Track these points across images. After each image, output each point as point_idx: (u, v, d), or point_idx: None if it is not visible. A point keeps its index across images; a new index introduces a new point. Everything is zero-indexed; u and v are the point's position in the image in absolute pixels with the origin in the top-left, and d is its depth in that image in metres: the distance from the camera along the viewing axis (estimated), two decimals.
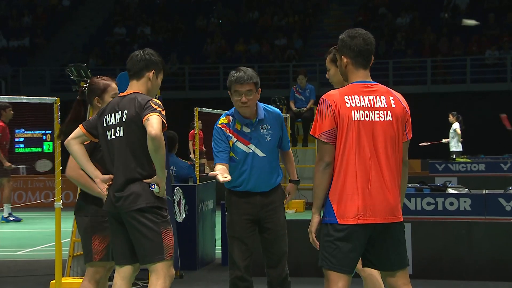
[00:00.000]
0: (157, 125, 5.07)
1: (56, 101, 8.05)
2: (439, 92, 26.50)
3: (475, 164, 18.73)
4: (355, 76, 4.73)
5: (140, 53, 5.43)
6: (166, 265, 5.22)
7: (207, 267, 9.66)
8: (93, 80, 6.09)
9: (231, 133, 5.93)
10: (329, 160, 4.60)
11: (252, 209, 5.96)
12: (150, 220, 5.17)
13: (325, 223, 4.62)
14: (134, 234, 5.20)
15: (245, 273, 5.94)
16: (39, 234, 13.67)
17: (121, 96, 5.41)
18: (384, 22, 29.79)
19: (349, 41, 4.72)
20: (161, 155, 5.10)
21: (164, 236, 5.19)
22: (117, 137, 5.26)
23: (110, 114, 5.33)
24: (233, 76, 5.91)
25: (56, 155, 7.97)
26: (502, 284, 8.27)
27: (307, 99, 16.61)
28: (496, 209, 9.23)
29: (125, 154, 5.22)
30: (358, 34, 4.74)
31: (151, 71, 5.40)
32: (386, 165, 4.62)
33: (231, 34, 30.65)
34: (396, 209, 4.64)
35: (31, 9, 33.30)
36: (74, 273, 8.23)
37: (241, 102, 5.87)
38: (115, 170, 5.27)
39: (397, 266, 4.68)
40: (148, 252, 5.17)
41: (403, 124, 4.72)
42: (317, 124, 4.64)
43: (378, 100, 4.66)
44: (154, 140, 5.04)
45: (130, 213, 5.18)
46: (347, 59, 4.74)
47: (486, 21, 28.78)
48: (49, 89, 28.15)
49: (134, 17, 32.70)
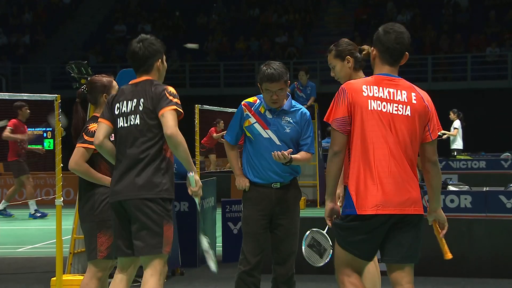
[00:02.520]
0: (172, 122, 5.02)
1: (57, 98, 8.03)
2: (440, 90, 26.48)
3: (476, 162, 18.76)
4: (379, 69, 4.71)
5: (140, 46, 5.25)
6: (162, 260, 5.16)
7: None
8: (95, 79, 6.07)
9: (252, 113, 5.98)
10: (338, 149, 4.59)
11: (266, 205, 5.96)
12: (154, 211, 5.09)
13: (345, 214, 4.60)
14: (135, 223, 5.12)
15: (254, 269, 5.94)
16: (39, 231, 13.67)
17: (133, 83, 5.30)
18: (384, 19, 29.78)
19: (382, 35, 4.68)
20: (182, 150, 5.05)
21: (166, 230, 5.13)
22: (131, 125, 5.17)
23: (123, 102, 5.24)
24: (264, 73, 5.91)
25: (57, 152, 7.96)
26: (503, 281, 8.27)
27: (307, 97, 16.59)
28: (497, 206, 9.24)
29: (139, 146, 5.13)
30: (393, 30, 4.68)
31: (158, 60, 5.31)
32: (405, 158, 4.58)
33: (231, 32, 30.64)
34: (415, 201, 4.60)
35: (31, 6, 33.31)
36: (75, 270, 8.23)
37: (272, 98, 5.91)
38: (123, 157, 5.18)
39: (408, 259, 4.63)
40: (147, 243, 5.09)
41: (424, 122, 4.66)
42: (332, 110, 4.64)
43: (399, 94, 4.62)
44: (170, 139, 5.01)
45: (134, 201, 5.10)
46: (376, 51, 4.72)
47: (487, 19, 28.77)
48: (50, 86, 28.17)
49: (134, 15, 32.69)
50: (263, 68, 5.96)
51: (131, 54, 5.30)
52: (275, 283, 6.09)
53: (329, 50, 5.84)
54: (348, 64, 5.75)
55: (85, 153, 5.71)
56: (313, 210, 15.92)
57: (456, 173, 16.38)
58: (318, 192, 16.41)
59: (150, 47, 5.26)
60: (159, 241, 5.10)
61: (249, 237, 5.98)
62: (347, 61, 5.75)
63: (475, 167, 18.46)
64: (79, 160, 5.71)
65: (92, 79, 6.09)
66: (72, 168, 5.73)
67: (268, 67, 5.93)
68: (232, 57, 29.48)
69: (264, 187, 5.98)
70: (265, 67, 5.94)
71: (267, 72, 5.90)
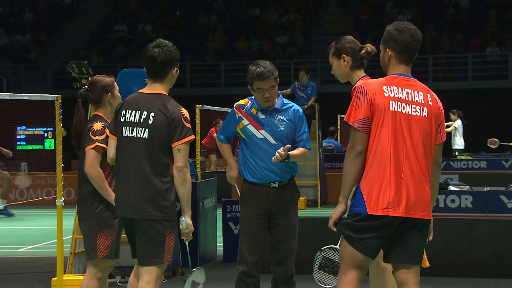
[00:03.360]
0: (185, 158, 5.07)
1: (58, 98, 8.04)
2: (440, 89, 26.35)
3: (477, 162, 18.73)
4: (396, 69, 4.68)
5: (159, 52, 5.17)
6: (161, 269, 5.20)
7: (208, 264, 9.66)
8: (98, 78, 6.07)
9: (244, 115, 5.99)
10: (361, 149, 4.54)
11: (264, 204, 5.96)
12: (158, 229, 5.12)
13: (354, 213, 4.56)
14: (141, 237, 5.15)
15: (253, 269, 5.94)
16: (40, 231, 13.67)
17: (145, 93, 5.24)
18: (385, 19, 29.77)
19: (396, 35, 4.65)
20: (187, 188, 5.10)
21: (168, 241, 5.15)
22: (138, 137, 5.13)
23: (131, 111, 5.18)
24: (254, 73, 5.90)
25: (58, 153, 7.96)
26: (503, 281, 8.27)
27: (308, 97, 16.58)
28: (498, 206, 9.24)
29: (144, 157, 5.10)
30: (407, 29, 4.68)
31: (174, 68, 5.27)
32: (420, 160, 4.56)
33: (232, 31, 30.64)
34: (426, 205, 4.58)
35: (32, 5, 33.30)
36: (76, 270, 8.24)
37: (265, 97, 5.91)
38: (126, 168, 5.17)
39: (414, 260, 4.61)
40: (149, 254, 5.13)
41: (438, 123, 4.67)
42: (352, 111, 4.56)
43: (416, 95, 4.61)
44: (180, 173, 5.06)
45: (140, 220, 5.14)
46: (391, 52, 4.67)
47: (487, 18, 28.76)
48: (51, 86, 28.17)
49: (135, 14, 32.69)
50: (251, 68, 5.94)
51: (150, 59, 5.20)
52: (275, 283, 6.09)
53: (330, 47, 5.72)
54: (344, 62, 5.56)
55: (96, 155, 5.70)
56: (313, 210, 15.91)
57: (456, 173, 16.35)
58: (318, 192, 16.40)
59: (169, 54, 5.20)
60: (161, 252, 5.13)
61: (247, 236, 5.99)
62: (343, 59, 5.55)
63: (476, 167, 18.44)
64: (94, 163, 5.69)
65: (94, 79, 6.09)
66: (87, 171, 5.71)
67: (257, 66, 5.92)
68: (233, 57, 29.47)
69: (263, 186, 5.98)
70: (254, 67, 5.93)
71: (256, 71, 5.89)
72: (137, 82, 8.13)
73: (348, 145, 4.57)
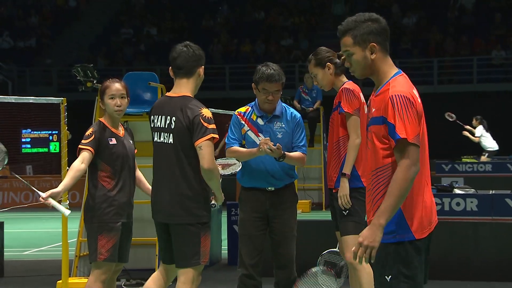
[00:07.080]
0: (209, 156, 5.11)
1: (63, 101, 8.05)
2: (445, 92, 26.44)
3: (482, 165, 18.73)
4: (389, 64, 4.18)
5: (187, 48, 5.30)
6: (198, 270, 5.28)
7: (213, 267, 9.67)
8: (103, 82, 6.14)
9: (245, 121, 6.03)
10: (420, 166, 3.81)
11: (261, 207, 5.97)
12: (192, 232, 5.24)
13: (400, 241, 3.81)
14: (176, 241, 5.27)
15: (252, 272, 5.95)
16: (45, 234, 13.69)
17: (169, 96, 5.33)
18: (390, 22, 29.77)
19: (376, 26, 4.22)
20: (216, 181, 5.24)
21: (203, 241, 5.27)
22: (166, 143, 5.23)
23: (157, 116, 5.29)
24: (264, 73, 5.91)
25: (63, 156, 7.98)
26: (509, 285, 8.26)
27: (313, 100, 16.59)
28: (503, 209, 9.22)
29: (172, 162, 5.21)
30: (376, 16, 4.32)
31: (201, 67, 5.35)
32: None
33: (237, 34, 30.65)
34: None
35: (37, 9, 33.36)
36: (81, 273, 8.25)
37: (268, 99, 5.92)
38: (159, 174, 5.31)
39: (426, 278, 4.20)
40: (185, 256, 5.23)
41: None
42: (406, 126, 3.73)
43: None
44: (207, 172, 5.14)
45: (175, 225, 5.25)
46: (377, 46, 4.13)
47: (492, 21, 28.73)
48: (56, 89, 28.20)
49: (140, 17, 32.72)
50: (262, 68, 5.94)
51: (178, 54, 5.28)
52: (277, 287, 6.09)
53: (308, 60, 6.01)
54: (329, 71, 6.00)
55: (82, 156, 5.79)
56: (318, 213, 15.91)
57: (462, 176, 16.36)
58: (323, 195, 16.39)
59: (197, 51, 5.33)
60: (196, 253, 5.24)
61: (245, 239, 6.03)
62: (328, 68, 5.99)
63: (481, 170, 18.42)
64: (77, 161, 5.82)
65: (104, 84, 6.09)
66: None
67: (268, 67, 5.93)
68: (238, 60, 29.48)
69: (259, 190, 6.01)
70: (264, 68, 5.94)
71: (267, 72, 5.90)
72: (142, 85, 8.15)
73: (406, 162, 3.73)
